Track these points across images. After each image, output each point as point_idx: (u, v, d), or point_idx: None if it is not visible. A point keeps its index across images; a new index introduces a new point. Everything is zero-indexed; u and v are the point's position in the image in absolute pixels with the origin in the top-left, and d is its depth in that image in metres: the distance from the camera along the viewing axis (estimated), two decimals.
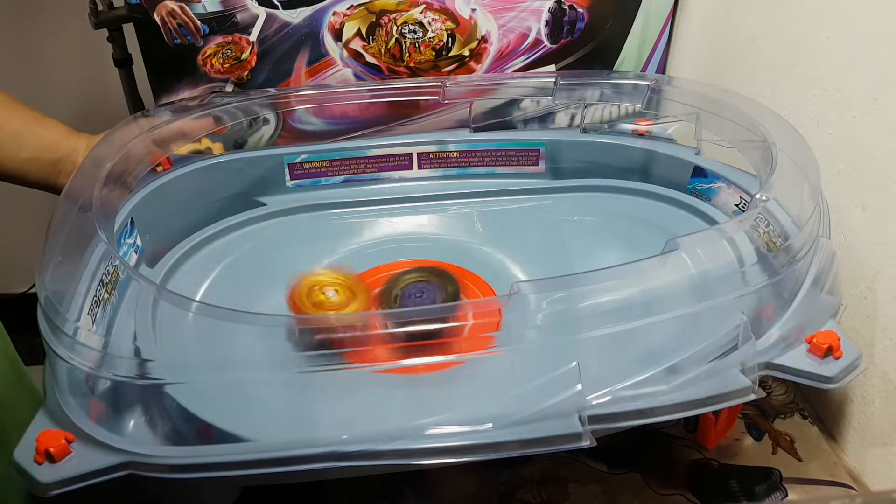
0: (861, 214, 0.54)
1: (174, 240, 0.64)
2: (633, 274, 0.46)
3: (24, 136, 0.61)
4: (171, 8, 0.68)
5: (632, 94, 0.69)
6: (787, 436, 0.57)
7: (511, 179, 0.72)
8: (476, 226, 0.69)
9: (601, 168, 0.71)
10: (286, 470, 0.40)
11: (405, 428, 0.41)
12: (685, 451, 0.56)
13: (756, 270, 0.47)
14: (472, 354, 0.45)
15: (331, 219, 0.70)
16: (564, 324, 0.45)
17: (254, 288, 0.60)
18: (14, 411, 0.55)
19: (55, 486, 0.39)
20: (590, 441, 0.40)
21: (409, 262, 0.64)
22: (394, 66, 0.74)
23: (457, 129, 0.74)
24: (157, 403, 0.44)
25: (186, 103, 0.68)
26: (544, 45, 0.75)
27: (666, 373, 0.44)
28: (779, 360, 0.45)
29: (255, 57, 0.72)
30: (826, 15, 0.57)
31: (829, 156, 0.56)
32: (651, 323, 0.45)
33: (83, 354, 0.42)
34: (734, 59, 0.71)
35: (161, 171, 0.65)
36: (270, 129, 0.74)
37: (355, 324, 0.44)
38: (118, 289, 0.51)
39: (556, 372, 0.42)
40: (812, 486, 0.53)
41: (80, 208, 0.52)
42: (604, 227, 0.67)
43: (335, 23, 0.71)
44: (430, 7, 0.72)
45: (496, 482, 0.54)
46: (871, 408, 0.54)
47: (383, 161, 0.71)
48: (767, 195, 0.52)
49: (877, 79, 0.52)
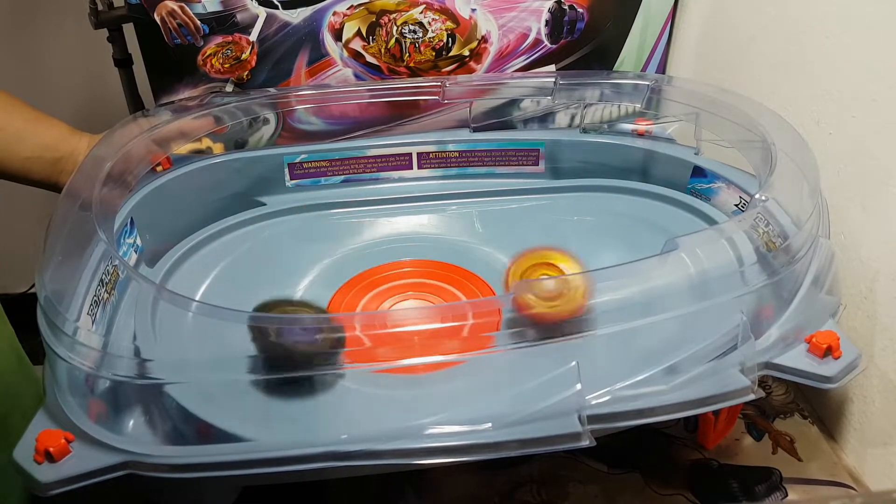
0: (861, 214, 0.54)
1: (174, 240, 0.64)
2: (633, 274, 0.46)
3: (25, 136, 0.61)
4: (171, 8, 0.68)
5: (632, 94, 0.69)
6: (787, 436, 0.57)
7: (511, 179, 0.72)
8: (476, 226, 0.69)
9: (601, 168, 0.71)
10: (286, 470, 0.40)
11: (405, 427, 0.41)
12: (685, 451, 0.56)
13: (755, 270, 0.47)
14: (471, 354, 0.45)
15: (330, 219, 0.70)
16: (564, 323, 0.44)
17: (254, 288, 0.60)
18: (18, 401, 0.56)
19: (55, 485, 0.39)
20: (589, 441, 0.40)
21: (410, 262, 0.64)
22: (394, 66, 0.74)
23: (456, 129, 0.74)
24: (156, 403, 0.44)
25: (186, 103, 0.68)
26: (544, 45, 0.75)
27: (665, 372, 0.44)
28: (778, 359, 0.45)
29: (255, 57, 0.72)
30: (826, 15, 0.57)
31: (829, 156, 0.56)
32: (650, 323, 0.45)
33: (83, 354, 0.42)
34: (734, 59, 0.71)
35: (161, 170, 0.65)
36: (270, 129, 0.74)
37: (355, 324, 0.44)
38: (118, 288, 0.51)
39: (555, 372, 0.42)
40: (812, 486, 0.53)
41: (79, 208, 0.52)
42: (603, 227, 0.67)
43: (335, 23, 0.71)
44: (430, 7, 0.72)
45: (496, 482, 0.54)
46: (871, 408, 0.54)
47: (383, 161, 0.71)
48: (767, 195, 0.52)
49: (877, 79, 0.52)
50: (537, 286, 0.48)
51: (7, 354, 0.57)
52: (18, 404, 0.56)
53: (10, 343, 0.58)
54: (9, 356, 0.57)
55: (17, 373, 0.58)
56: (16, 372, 0.58)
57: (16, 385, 0.57)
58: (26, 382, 0.58)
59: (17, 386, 0.57)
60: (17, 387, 0.57)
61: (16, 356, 0.59)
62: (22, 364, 0.59)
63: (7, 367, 0.57)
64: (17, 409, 0.55)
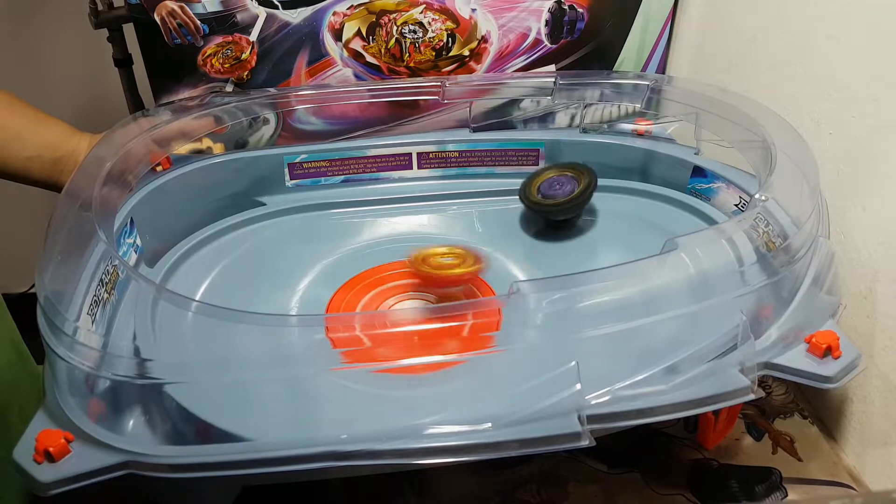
0: (861, 214, 0.54)
1: (174, 240, 0.64)
2: (633, 274, 0.46)
3: (26, 135, 0.61)
4: (171, 8, 0.68)
5: (631, 94, 0.69)
6: (786, 436, 0.57)
7: (511, 179, 0.72)
8: (476, 226, 0.69)
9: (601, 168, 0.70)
10: (286, 469, 0.40)
11: (405, 427, 0.41)
12: (685, 451, 0.56)
13: (755, 270, 0.47)
14: (471, 354, 0.45)
15: (330, 219, 0.70)
16: (564, 323, 0.45)
17: (254, 288, 0.60)
18: (16, 395, 0.56)
19: (54, 485, 0.39)
20: (589, 440, 0.40)
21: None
22: (394, 66, 0.74)
23: (456, 129, 0.74)
24: (156, 403, 0.44)
25: (186, 103, 0.68)
26: (544, 45, 0.75)
27: (665, 372, 0.44)
28: (778, 359, 0.45)
29: (255, 57, 0.72)
30: (826, 15, 0.57)
31: (829, 156, 0.56)
32: (650, 322, 0.45)
33: (83, 354, 0.42)
34: (734, 59, 0.71)
35: (161, 170, 0.65)
36: (270, 129, 0.74)
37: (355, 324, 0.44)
38: (118, 288, 0.51)
39: (555, 371, 0.42)
40: (812, 486, 0.53)
41: (79, 208, 0.52)
42: (603, 227, 0.67)
43: (335, 23, 0.71)
44: (430, 7, 0.72)
45: (496, 482, 0.54)
46: (871, 408, 0.54)
47: (383, 161, 0.71)
48: (767, 195, 0.52)
49: (877, 79, 0.52)
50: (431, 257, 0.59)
51: (7, 348, 0.57)
52: (17, 398, 0.56)
53: (11, 337, 0.58)
54: (8, 350, 0.57)
55: (16, 367, 0.58)
56: (15, 366, 0.58)
57: (15, 379, 0.57)
58: (26, 377, 0.58)
59: (16, 380, 0.57)
60: (16, 381, 0.57)
61: (16, 350, 0.59)
62: (22, 359, 0.59)
63: (6, 360, 0.57)
64: (15, 403, 0.56)
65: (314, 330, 0.44)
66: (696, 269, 0.53)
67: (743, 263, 0.54)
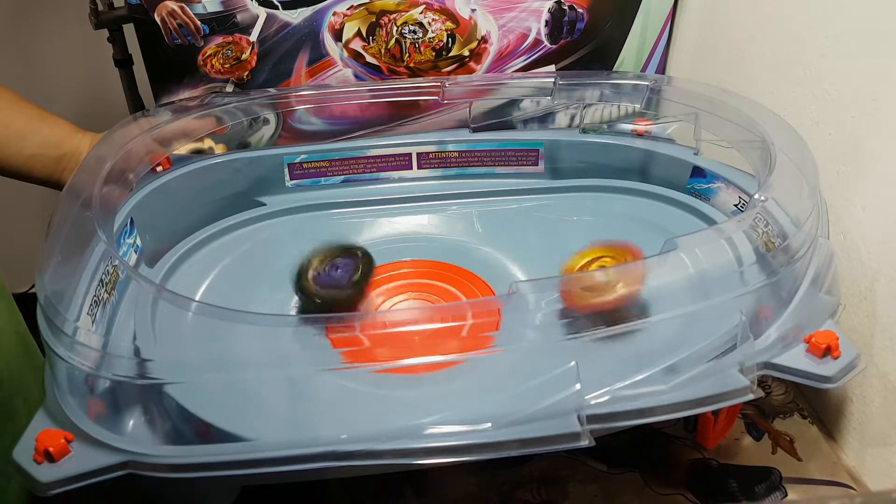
0: (861, 214, 0.54)
1: (174, 240, 0.64)
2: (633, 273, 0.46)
3: (28, 134, 0.61)
4: (172, 8, 0.68)
5: (631, 95, 0.69)
6: (786, 436, 0.57)
7: (510, 179, 0.72)
8: (476, 226, 0.69)
9: (600, 168, 0.71)
10: (286, 469, 0.40)
11: (405, 427, 0.41)
12: (685, 450, 0.56)
13: (755, 270, 0.47)
14: (471, 354, 0.45)
15: (330, 219, 0.70)
16: (563, 323, 0.45)
17: (254, 288, 0.60)
18: (22, 386, 0.56)
19: (54, 485, 0.39)
20: (588, 440, 0.40)
21: (410, 262, 0.64)
22: (394, 66, 0.74)
23: (456, 129, 0.74)
24: (156, 403, 0.44)
25: (187, 103, 0.68)
26: (544, 45, 0.75)
27: (664, 372, 0.44)
28: (777, 359, 0.45)
29: (256, 57, 0.72)
30: (826, 15, 0.57)
31: (829, 156, 0.56)
32: (650, 323, 0.45)
33: (83, 354, 0.42)
34: (734, 59, 0.71)
35: (161, 170, 0.65)
36: (270, 129, 0.74)
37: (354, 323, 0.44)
38: (118, 289, 0.51)
39: (554, 371, 0.42)
40: (812, 486, 0.53)
41: (80, 207, 0.52)
42: (603, 227, 0.67)
43: (335, 23, 0.71)
44: (430, 7, 0.72)
45: (496, 482, 0.54)
46: (871, 408, 0.54)
47: (383, 161, 0.71)
48: (766, 195, 0.52)
49: (876, 79, 0.52)
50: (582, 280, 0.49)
51: (12, 339, 0.58)
52: (22, 389, 0.56)
53: (17, 328, 0.59)
54: (14, 341, 0.58)
55: (21, 358, 0.58)
56: (20, 357, 0.58)
57: (20, 370, 0.57)
58: (31, 368, 0.59)
59: (21, 371, 0.57)
60: (22, 372, 0.57)
61: (22, 342, 0.59)
62: (28, 350, 0.60)
63: (12, 351, 0.57)
64: (21, 393, 0.56)
65: (314, 330, 0.44)
66: (696, 270, 0.53)
67: (742, 263, 0.54)
